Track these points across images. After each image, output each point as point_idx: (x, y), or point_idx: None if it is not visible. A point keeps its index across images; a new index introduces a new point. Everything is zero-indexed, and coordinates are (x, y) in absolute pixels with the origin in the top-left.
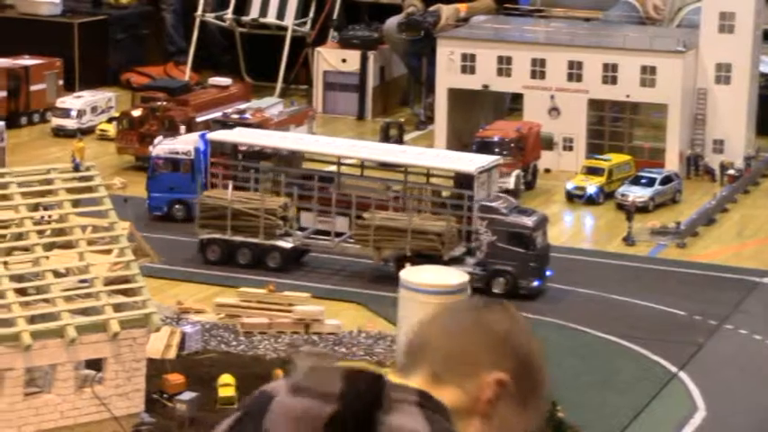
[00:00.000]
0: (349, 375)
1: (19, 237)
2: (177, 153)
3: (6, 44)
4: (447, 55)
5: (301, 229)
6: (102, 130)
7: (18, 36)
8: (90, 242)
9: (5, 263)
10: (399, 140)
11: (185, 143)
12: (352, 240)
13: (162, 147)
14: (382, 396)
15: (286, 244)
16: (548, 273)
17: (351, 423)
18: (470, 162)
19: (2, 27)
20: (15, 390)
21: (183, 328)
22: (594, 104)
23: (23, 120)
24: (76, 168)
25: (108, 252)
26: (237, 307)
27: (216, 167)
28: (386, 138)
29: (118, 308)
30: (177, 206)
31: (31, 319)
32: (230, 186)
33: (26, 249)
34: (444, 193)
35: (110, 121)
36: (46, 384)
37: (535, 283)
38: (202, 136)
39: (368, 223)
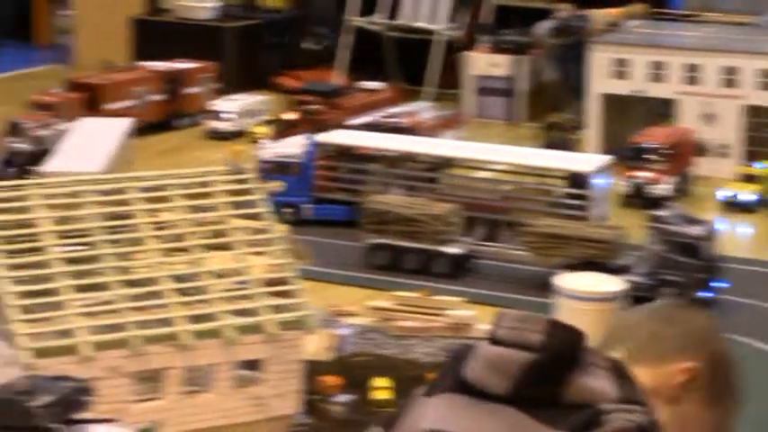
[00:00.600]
0: (552, 328)
1: (177, 238)
2: (285, 156)
3: (163, 48)
4: (600, 60)
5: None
6: (255, 134)
7: (175, 40)
8: (247, 244)
9: (165, 263)
10: (562, 142)
11: (293, 146)
12: (518, 247)
13: (270, 150)
14: (579, 354)
15: (453, 250)
16: (720, 284)
17: (545, 373)
18: (586, 162)
19: (159, 31)
20: (176, 388)
21: (337, 330)
22: (751, 111)
23: (179, 122)
24: (234, 171)
25: (265, 254)
26: (391, 310)
27: (324, 170)
28: (548, 140)
29: (275, 309)
30: (286, 209)
31: (191, 320)
32: (396, 191)
33: (184, 250)
34: (557, 193)
35: (263, 124)
36: (205, 384)
37: (705, 294)
38: (310, 139)
39: (534, 230)
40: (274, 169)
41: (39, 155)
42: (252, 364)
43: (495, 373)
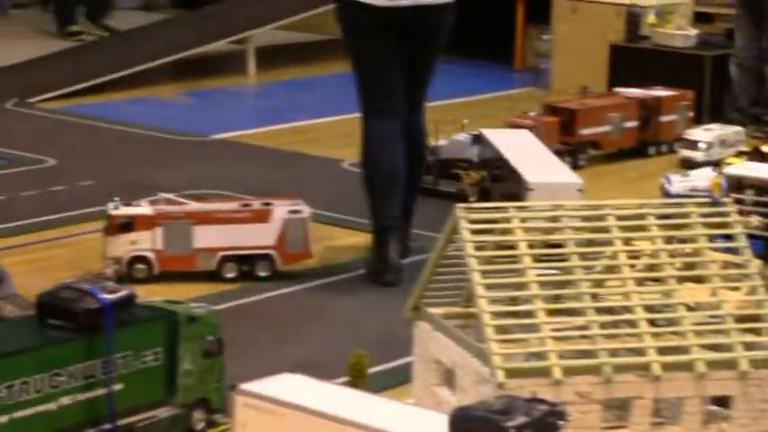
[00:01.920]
0: None
1: (651, 268)
2: (696, 190)
3: (640, 75)
4: None
5: None
6: (729, 164)
7: (651, 67)
8: (722, 278)
9: (637, 293)
10: None
11: (702, 179)
12: None
13: (680, 184)
14: None
15: None
16: None
17: None
18: None
19: (636, 58)
20: (643, 419)
21: None
22: None
23: (652, 150)
24: (712, 203)
25: (739, 289)
26: None
27: (736, 203)
28: None
29: (747, 346)
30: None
31: (661, 351)
32: None
33: (658, 281)
34: None
35: (738, 155)
36: (673, 416)
37: None
38: (720, 171)
39: None
40: None
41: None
42: (720, 401)
43: None
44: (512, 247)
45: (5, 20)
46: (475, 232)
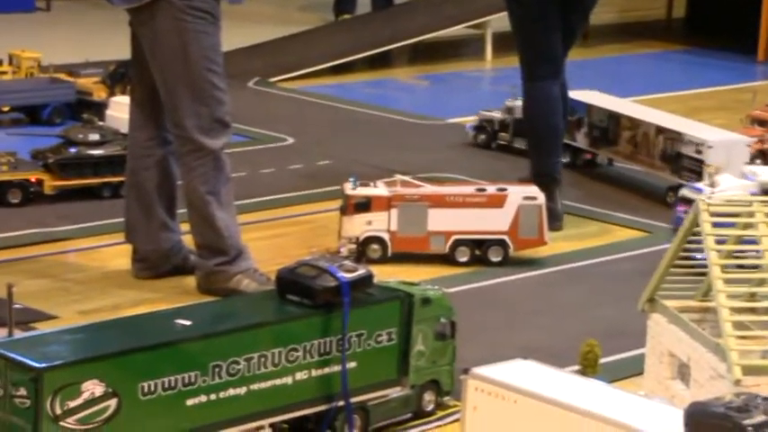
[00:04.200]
0: None
1: None
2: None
3: None
4: None
5: None
6: None
7: None
8: None
9: None
10: None
11: (736, 187)
12: None
13: (719, 194)
14: None
15: None
16: None
17: None
18: None
19: None
20: None
21: None
22: None
23: None
24: None
25: None
26: None
27: None
28: None
29: None
30: None
31: None
32: None
33: None
34: None
35: None
36: None
37: None
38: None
39: None
40: None
41: None
42: None
43: None
44: (754, 242)
45: (248, 0)
46: (716, 225)
